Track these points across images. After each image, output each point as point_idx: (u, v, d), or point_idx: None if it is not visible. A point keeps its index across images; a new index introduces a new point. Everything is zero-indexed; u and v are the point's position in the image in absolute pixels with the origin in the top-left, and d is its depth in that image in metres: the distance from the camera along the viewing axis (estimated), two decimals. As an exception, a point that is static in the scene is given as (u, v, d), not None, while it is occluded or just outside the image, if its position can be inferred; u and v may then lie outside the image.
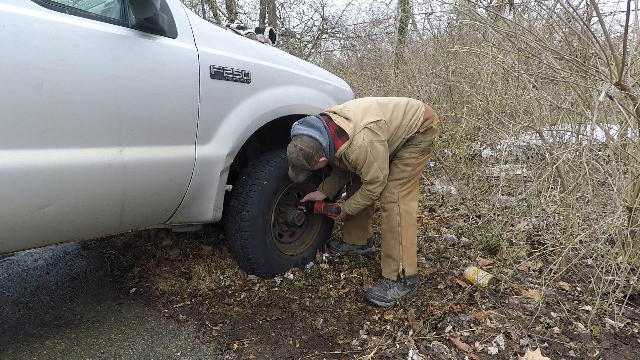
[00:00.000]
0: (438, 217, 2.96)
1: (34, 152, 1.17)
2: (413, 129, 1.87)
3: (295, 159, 1.76)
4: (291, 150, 1.77)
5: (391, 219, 1.90)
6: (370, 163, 1.80)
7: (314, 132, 1.77)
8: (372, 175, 1.82)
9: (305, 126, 1.79)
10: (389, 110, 1.86)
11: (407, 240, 1.89)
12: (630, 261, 1.60)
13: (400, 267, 1.87)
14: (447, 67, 4.24)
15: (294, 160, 1.77)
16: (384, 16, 11.84)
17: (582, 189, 2.01)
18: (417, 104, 1.92)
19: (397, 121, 1.85)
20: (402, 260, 1.87)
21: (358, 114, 1.81)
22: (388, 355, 1.46)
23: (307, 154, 1.75)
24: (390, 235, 1.90)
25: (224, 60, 1.69)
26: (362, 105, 1.85)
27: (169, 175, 1.56)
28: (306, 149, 1.74)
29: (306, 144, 1.75)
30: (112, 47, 1.31)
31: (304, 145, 1.74)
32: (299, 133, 1.78)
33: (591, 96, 2.09)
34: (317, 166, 1.84)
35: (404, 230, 1.88)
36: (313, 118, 1.82)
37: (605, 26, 1.52)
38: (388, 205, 1.91)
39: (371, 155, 1.78)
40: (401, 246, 1.88)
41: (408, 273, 1.88)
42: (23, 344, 1.58)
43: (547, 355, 1.38)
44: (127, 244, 2.55)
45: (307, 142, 1.75)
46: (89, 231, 1.48)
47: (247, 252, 1.95)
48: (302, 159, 1.75)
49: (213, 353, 1.54)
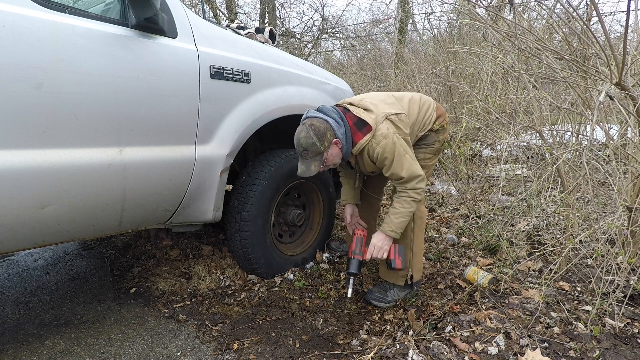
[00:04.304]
0: (438, 217, 2.96)
1: (34, 152, 1.17)
2: (426, 127, 1.76)
3: (304, 138, 1.52)
4: (299, 130, 1.55)
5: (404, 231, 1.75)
6: (402, 155, 1.57)
7: (328, 118, 1.58)
8: (408, 169, 1.59)
9: (319, 112, 1.62)
10: (405, 104, 1.72)
11: (418, 246, 1.82)
12: (630, 261, 1.60)
13: (409, 273, 1.82)
14: (447, 67, 4.24)
15: (303, 140, 1.52)
16: (384, 16, 11.85)
17: (582, 189, 2.01)
18: (429, 100, 1.82)
19: (413, 117, 1.71)
20: (412, 266, 1.82)
21: (378, 105, 1.63)
22: (388, 355, 1.46)
23: (318, 130, 1.52)
24: (402, 241, 1.78)
25: (224, 60, 1.69)
26: (379, 97, 1.72)
27: (169, 175, 1.56)
28: (317, 124, 1.53)
29: (317, 121, 1.55)
30: (112, 47, 1.31)
31: (314, 122, 1.54)
32: (310, 116, 1.61)
33: (591, 96, 2.09)
34: (331, 154, 1.59)
35: (416, 236, 1.81)
36: (327, 107, 1.64)
37: (605, 26, 1.52)
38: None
39: (400, 147, 1.57)
40: (412, 252, 1.81)
41: (416, 278, 1.84)
42: (23, 344, 1.58)
43: (547, 355, 1.38)
44: (127, 244, 2.55)
45: (318, 121, 1.55)
46: (89, 231, 1.48)
47: (247, 252, 1.95)
48: (312, 135, 1.51)
49: (213, 353, 1.54)
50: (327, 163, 1.62)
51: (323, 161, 1.58)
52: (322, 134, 1.53)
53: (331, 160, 1.62)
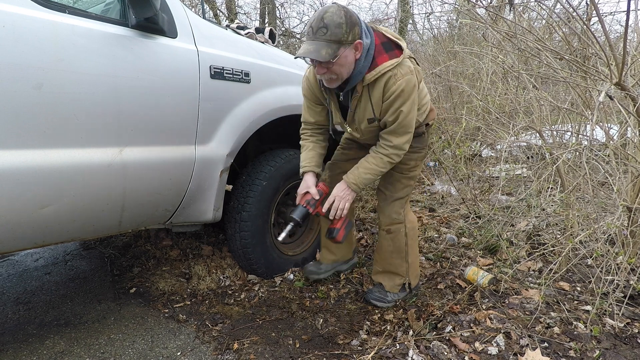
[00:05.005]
0: (438, 217, 2.96)
1: (34, 152, 1.17)
2: (422, 115, 1.58)
3: (331, 15, 1.23)
4: (327, 7, 1.26)
5: (398, 240, 1.72)
6: (414, 103, 1.36)
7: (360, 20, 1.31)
8: (411, 120, 1.39)
9: None
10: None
11: (413, 257, 1.78)
12: (630, 261, 1.60)
13: (407, 281, 1.81)
14: (447, 67, 4.24)
15: (328, 16, 1.23)
16: (384, 16, 11.84)
17: (582, 189, 2.01)
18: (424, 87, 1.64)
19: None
20: (408, 276, 1.80)
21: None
22: (388, 355, 1.46)
23: (351, 16, 1.26)
24: (397, 255, 1.75)
25: (224, 60, 1.69)
26: None
27: (169, 175, 1.56)
28: (351, 11, 1.28)
29: (352, 11, 1.29)
30: (112, 47, 1.31)
31: (348, 8, 1.28)
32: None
33: (591, 96, 2.09)
34: (344, 56, 1.27)
35: (410, 247, 1.75)
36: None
37: (605, 26, 1.52)
38: (394, 227, 1.71)
39: (416, 93, 1.36)
40: (407, 264, 1.77)
41: (413, 284, 1.83)
42: (23, 344, 1.58)
43: (547, 355, 1.38)
44: (127, 244, 2.55)
45: (352, 12, 1.29)
46: (89, 231, 1.48)
47: (247, 252, 1.95)
48: (343, 15, 1.23)
49: (213, 353, 1.54)
50: (335, 66, 1.28)
51: (336, 55, 1.25)
52: (354, 23, 1.26)
53: (340, 65, 1.29)
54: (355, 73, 1.34)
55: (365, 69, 1.33)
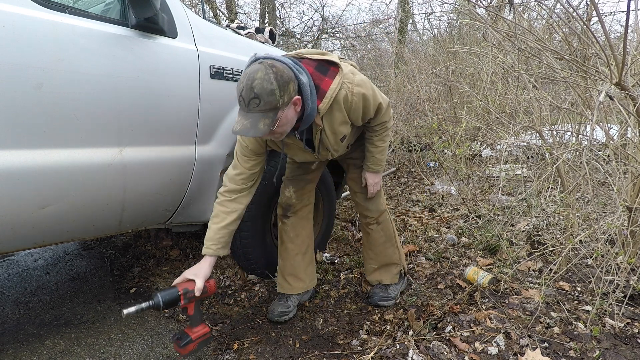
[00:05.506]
0: (438, 217, 2.96)
1: (34, 152, 1.17)
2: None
3: (260, 81, 1.10)
4: (254, 69, 1.12)
5: (387, 228, 1.81)
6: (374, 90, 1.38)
7: (288, 61, 1.21)
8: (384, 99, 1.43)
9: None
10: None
11: (398, 240, 1.89)
12: (630, 261, 1.60)
13: (401, 267, 1.89)
14: (447, 67, 4.24)
15: (257, 84, 1.10)
16: (384, 16, 11.85)
17: (582, 189, 2.01)
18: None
19: None
20: (401, 261, 1.89)
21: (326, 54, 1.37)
22: (388, 355, 1.46)
23: (281, 75, 1.13)
24: (389, 244, 1.82)
25: (224, 60, 1.69)
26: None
27: (169, 175, 1.56)
28: (280, 67, 1.14)
29: (279, 65, 1.15)
30: (112, 47, 1.31)
31: (276, 64, 1.14)
32: (268, 57, 1.19)
33: (591, 96, 2.09)
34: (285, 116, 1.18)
35: (395, 232, 1.87)
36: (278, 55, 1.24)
37: (605, 26, 1.52)
38: (382, 217, 1.79)
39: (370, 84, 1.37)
40: (398, 249, 1.87)
41: (405, 269, 1.93)
42: (23, 344, 1.58)
43: (547, 355, 1.38)
44: (127, 244, 2.55)
45: (282, 66, 1.16)
46: (89, 231, 1.48)
47: (247, 252, 1.95)
48: (273, 79, 1.11)
49: (213, 353, 1.54)
50: (277, 129, 1.19)
51: (275, 121, 1.16)
52: (286, 82, 1.13)
53: (282, 125, 1.20)
54: (306, 116, 1.26)
55: (314, 106, 1.26)
